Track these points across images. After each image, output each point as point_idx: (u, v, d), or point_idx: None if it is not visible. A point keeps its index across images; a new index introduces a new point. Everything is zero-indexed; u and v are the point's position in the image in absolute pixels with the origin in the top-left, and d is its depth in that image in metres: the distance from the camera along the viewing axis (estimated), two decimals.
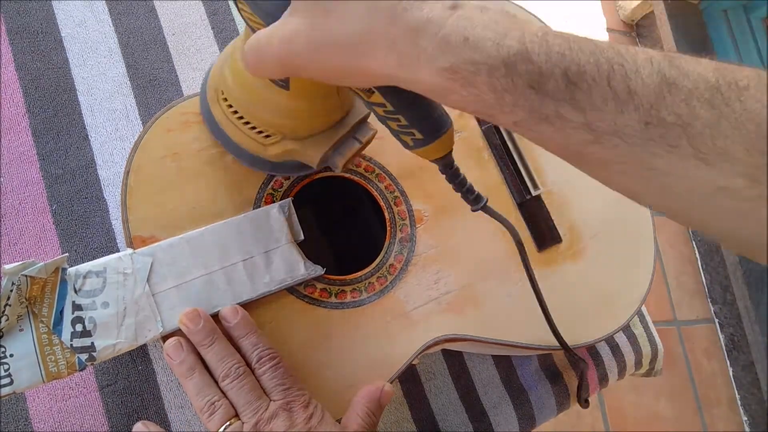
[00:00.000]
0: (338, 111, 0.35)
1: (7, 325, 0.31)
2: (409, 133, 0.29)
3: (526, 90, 0.23)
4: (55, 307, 0.32)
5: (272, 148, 0.35)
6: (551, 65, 0.22)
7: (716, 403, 1.44)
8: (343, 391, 0.37)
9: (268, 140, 0.35)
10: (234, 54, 0.34)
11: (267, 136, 0.35)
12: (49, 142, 0.43)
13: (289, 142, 0.35)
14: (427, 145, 0.30)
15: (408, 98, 0.27)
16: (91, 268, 0.34)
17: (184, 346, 0.34)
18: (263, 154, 0.36)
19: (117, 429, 0.39)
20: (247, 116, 0.35)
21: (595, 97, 0.22)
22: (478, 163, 0.46)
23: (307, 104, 0.33)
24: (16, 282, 0.31)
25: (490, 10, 0.24)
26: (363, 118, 0.36)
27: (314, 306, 0.38)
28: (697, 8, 1.66)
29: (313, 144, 0.35)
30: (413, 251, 0.42)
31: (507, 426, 0.50)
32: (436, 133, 0.29)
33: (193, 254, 0.36)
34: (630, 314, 0.47)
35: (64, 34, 0.46)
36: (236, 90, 0.34)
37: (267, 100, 0.33)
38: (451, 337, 0.41)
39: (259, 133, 0.35)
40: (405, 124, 0.29)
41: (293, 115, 0.34)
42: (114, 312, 0.33)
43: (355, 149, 0.36)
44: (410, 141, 0.30)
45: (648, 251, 0.50)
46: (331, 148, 0.35)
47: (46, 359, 0.31)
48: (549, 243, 0.46)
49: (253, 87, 0.33)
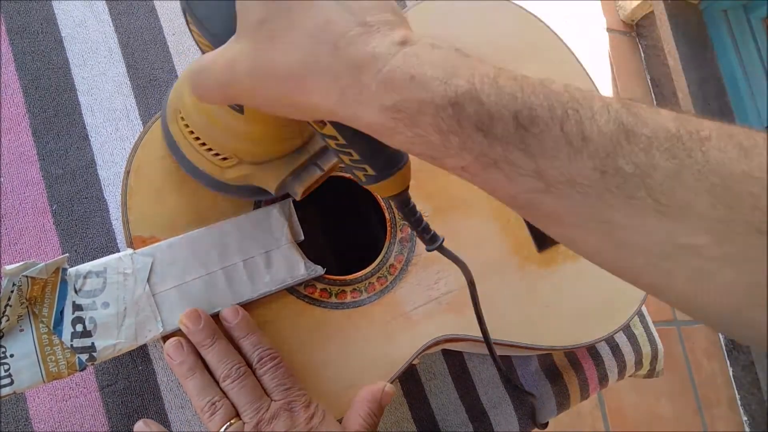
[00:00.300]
0: (298, 137, 0.34)
1: (8, 326, 0.31)
2: (362, 169, 0.28)
3: (473, 132, 0.21)
4: (56, 307, 0.32)
5: (229, 171, 0.34)
6: (501, 107, 0.21)
7: (716, 403, 1.44)
8: (343, 391, 0.37)
9: (225, 163, 0.34)
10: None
11: (224, 158, 0.34)
12: (49, 142, 0.43)
13: (246, 166, 0.34)
14: (379, 182, 0.28)
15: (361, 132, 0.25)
16: (91, 269, 0.34)
17: (185, 346, 0.34)
18: (220, 177, 0.35)
19: (117, 429, 0.39)
20: (203, 138, 0.34)
21: (546, 142, 0.21)
22: None
23: (263, 129, 0.32)
24: (17, 283, 0.31)
25: (442, 49, 0.23)
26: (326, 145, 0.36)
27: (314, 306, 0.38)
28: (697, 8, 1.66)
29: (271, 169, 0.34)
30: (413, 251, 0.42)
31: (507, 426, 0.50)
32: (390, 169, 0.28)
33: (193, 254, 0.36)
34: (631, 313, 0.47)
35: (65, 34, 0.46)
36: (193, 111, 0.33)
37: (222, 123, 0.32)
38: (452, 337, 0.41)
39: (215, 155, 0.34)
40: (357, 158, 0.27)
41: (248, 139, 0.33)
42: (114, 312, 0.33)
43: (315, 176, 0.34)
44: (362, 176, 0.28)
45: None
46: (290, 175, 0.34)
47: (47, 359, 0.31)
48: (549, 243, 0.46)
49: (208, 109, 0.32)
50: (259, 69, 0.24)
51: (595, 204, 0.21)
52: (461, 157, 0.23)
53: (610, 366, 0.55)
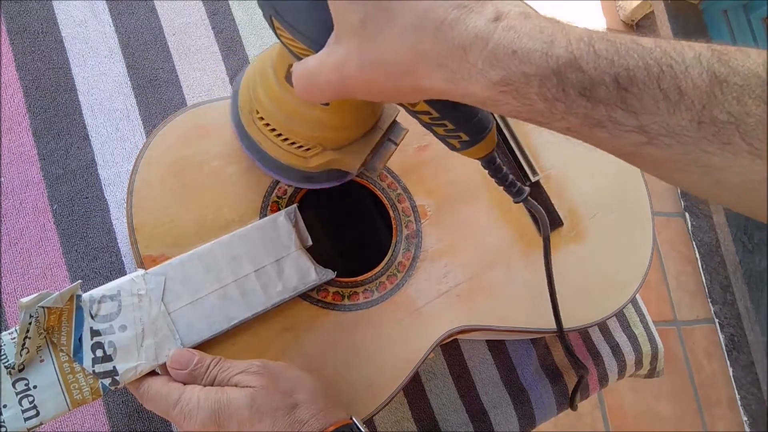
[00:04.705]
0: (372, 117, 0.36)
1: (28, 357, 0.31)
2: (456, 137, 0.31)
3: (577, 98, 0.23)
4: (74, 334, 0.32)
5: (313, 160, 0.36)
6: (600, 72, 0.22)
7: (716, 403, 1.44)
8: (363, 391, 0.37)
9: (309, 153, 0.36)
10: (266, 75, 0.34)
11: (307, 149, 0.36)
12: (49, 142, 0.43)
13: (329, 152, 0.36)
14: (473, 146, 0.31)
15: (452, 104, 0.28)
16: (105, 293, 0.34)
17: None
18: (305, 167, 0.37)
19: (118, 429, 0.39)
20: (286, 133, 0.35)
21: (646, 100, 0.22)
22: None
23: (347, 116, 0.34)
24: (34, 314, 0.31)
25: (532, 17, 0.24)
26: (394, 118, 0.37)
27: (328, 310, 0.38)
28: (697, 8, 1.66)
29: (353, 151, 0.36)
30: (420, 247, 0.42)
31: (507, 426, 0.50)
32: (482, 133, 0.31)
33: (205, 269, 0.36)
34: (633, 291, 0.48)
35: (65, 34, 0.46)
36: (273, 109, 0.35)
37: (306, 116, 0.34)
38: (464, 328, 0.41)
39: (299, 147, 0.36)
40: (451, 128, 0.30)
41: (334, 127, 0.34)
42: (132, 334, 0.33)
43: (391, 151, 0.37)
44: (457, 144, 0.31)
45: (646, 227, 0.50)
46: (369, 154, 0.36)
47: (70, 387, 0.31)
48: (551, 227, 0.47)
49: (290, 105, 0.34)
50: (369, 66, 0.26)
51: (693, 151, 0.23)
52: (567, 120, 0.24)
53: (610, 366, 0.55)
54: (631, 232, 0.50)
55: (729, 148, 0.22)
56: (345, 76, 0.27)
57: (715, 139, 0.22)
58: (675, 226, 1.56)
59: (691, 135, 0.22)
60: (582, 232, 0.48)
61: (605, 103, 0.23)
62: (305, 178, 0.38)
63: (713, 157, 0.22)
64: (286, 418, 0.31)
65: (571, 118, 0.24)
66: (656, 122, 0.23)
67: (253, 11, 0.53)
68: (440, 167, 0.45)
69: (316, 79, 0.28)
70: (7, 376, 0.31)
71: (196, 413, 0.30)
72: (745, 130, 0.21)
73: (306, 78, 0.28)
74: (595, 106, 0.23)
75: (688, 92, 0.22)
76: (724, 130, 0.22)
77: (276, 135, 0.36)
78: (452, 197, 0.44)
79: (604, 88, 0.23)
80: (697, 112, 0.22)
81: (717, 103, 0.22)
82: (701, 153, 0.22)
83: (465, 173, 0.45)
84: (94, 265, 0.42)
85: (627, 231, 0.49)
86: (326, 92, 0.28)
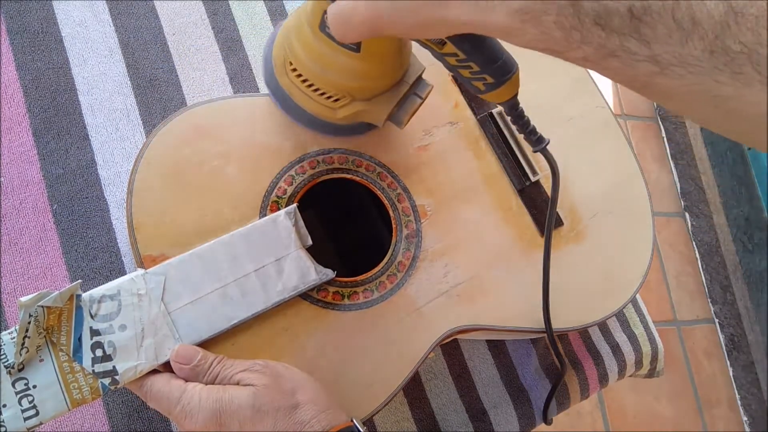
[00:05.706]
0: (400, 70, 0.38)
1: (27, 357, 0.31)
2: (481, 79, 0.32)
3: (592, 26, 0.24)
4: (73, 334, 0.32)
5: (341, 110, 0.38)
6: (616, 2, 0.23)
7: (716, 403, 1.44)
8: (363, 391, 0.37)
9: (338, 104, 0.38)
10: (301, 27, 0.35)
11: (336, 100, 0.37)
12: (49, 142, 0.43)
13: (357, 103, 0.38)
14: (498, 88, 0.32)
15: (478, 46, 0.30)
16: (104, 292, 0.34)
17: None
18: (332, 118, 0.39)
19: (118, 429, 0.39)
20: (317, 83, 0.37)
21: (659, 29, 0.23)
22: (476, 153, 0.46)
23: (377, 65, 0.35)
24: (33, 313, 0.31)
25: None
26: (420, 74, 0.39)
27: (328, 310, 0.38)
28: None
29: (380, 103, 0.38)
30: (420, 246, 0.42)
31: (507, 426, 0.50)
32: (506, 75, 0.32)
33: (205, 269, 0.36)
34: (633, 291, 0.48)
35: (65, 33, 0.46)
36: (305, 59, 0.36)
37: (338, 65, 0.35)
38: (464, 328, 0.41)
39: (328, 98, 0.37)
40: (477, 70, 0.31)
41: (363, 77, 0.36)
42: (132, 334, 0.33)
43: (416, 105, 0.38)
44: (482, 86, 0.33)
45: (646, 227, 0.50)
46: (396, 106, 0.38)
47: (70, 387, 0.31)
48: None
49: (323, 54, 0.35)
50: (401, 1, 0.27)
51: (705, 81, 0.23)
52: (582, 50, 0.25)
53: (610, 366, 0.55)
54: (631, 232, 0.50)
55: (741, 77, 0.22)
56: (378, 13, 0.28)
57: (726, 69, 0.22)
58: (675, 226, 1.56)
59: (703, 65, 0.23)
60: (582, 232, 0.48)
61: (619, 32, 0.23)
62: (333, 130, 0.40)
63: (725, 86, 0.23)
64: (287, 419, 0.31)
65: (586, 47, 0.24)
66: (668, 52, 0.23)
67: (253, 11, 0.53)
68: (440, 167, 0.44)
69: (351, 19, 0.29)
70: (7, 375, 0.31)
71: (197, 412, 0.30)
72: (758, 60, 0.22)
73: (341, 16, 0.30)
74: (609, 35, 0.24)
75: (702, 22, 0.22)
76: (737, 59, 0.22)
77: (308, 86, 0.37)
78: (452, 197, 0.44)
79: (619, 17, 0.23)
80: (710, 42, 0.22)
81: (730, 33, 0.22)
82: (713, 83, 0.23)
83: (465, 173, 0.45)
84: (93, 264, 0.42)
85: (627, 231, 0.49)
86: (361, 30, 0.29)
